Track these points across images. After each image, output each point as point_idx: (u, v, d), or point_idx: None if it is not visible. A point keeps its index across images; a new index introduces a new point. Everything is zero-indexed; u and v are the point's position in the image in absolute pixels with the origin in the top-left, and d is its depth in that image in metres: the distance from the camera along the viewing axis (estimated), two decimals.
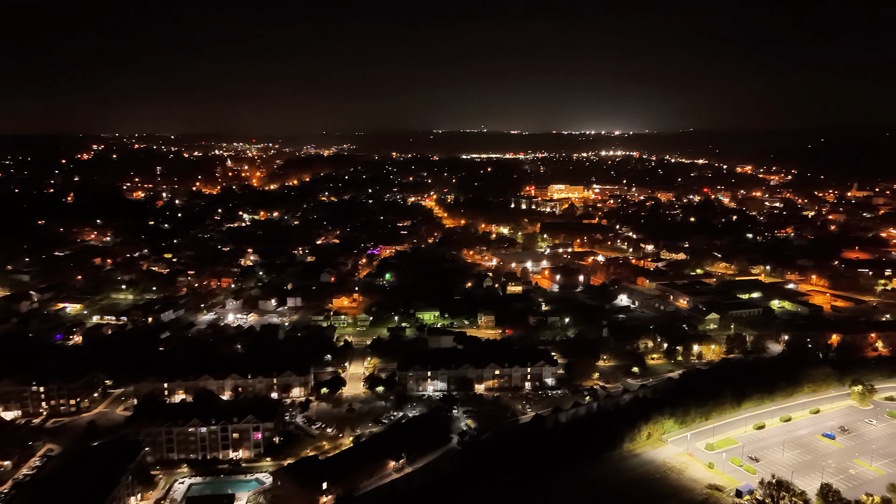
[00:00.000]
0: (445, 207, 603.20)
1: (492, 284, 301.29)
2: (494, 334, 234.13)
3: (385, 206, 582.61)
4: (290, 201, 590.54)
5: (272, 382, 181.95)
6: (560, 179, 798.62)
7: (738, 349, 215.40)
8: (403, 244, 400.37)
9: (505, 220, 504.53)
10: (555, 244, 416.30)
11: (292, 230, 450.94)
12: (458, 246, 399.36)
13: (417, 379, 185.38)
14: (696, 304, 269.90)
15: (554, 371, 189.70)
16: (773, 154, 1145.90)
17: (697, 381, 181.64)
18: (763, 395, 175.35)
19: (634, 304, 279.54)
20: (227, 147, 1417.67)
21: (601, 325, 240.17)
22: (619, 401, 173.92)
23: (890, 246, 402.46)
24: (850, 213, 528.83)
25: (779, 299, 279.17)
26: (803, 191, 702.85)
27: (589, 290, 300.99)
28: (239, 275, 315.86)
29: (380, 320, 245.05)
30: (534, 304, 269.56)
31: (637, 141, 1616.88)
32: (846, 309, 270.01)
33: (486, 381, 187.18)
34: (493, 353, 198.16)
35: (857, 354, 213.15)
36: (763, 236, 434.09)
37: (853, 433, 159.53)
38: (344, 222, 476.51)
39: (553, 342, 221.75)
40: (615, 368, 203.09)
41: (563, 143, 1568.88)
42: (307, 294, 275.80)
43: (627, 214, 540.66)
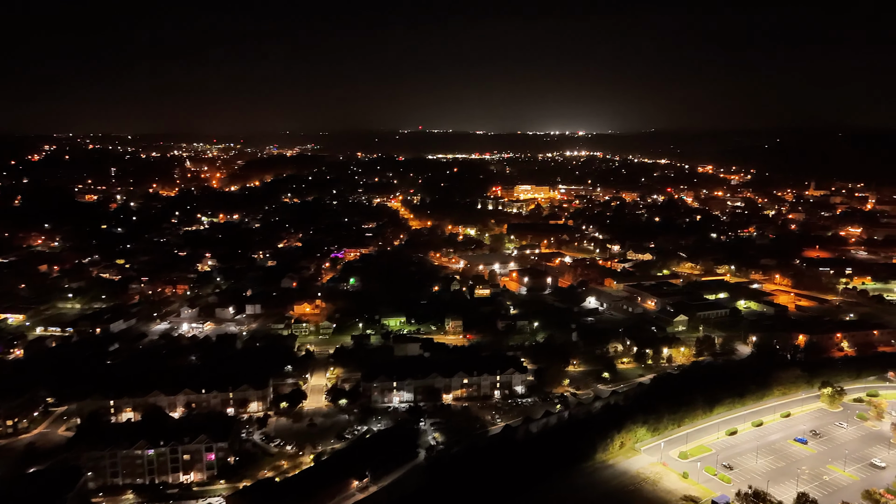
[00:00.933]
0: (412, 208, 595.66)
1: (459, 288, 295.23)
2: (462, 340, 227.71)
3: (350, 208, 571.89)
4: (251, 203, 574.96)
5: (228, 397, 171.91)
6: (526, 180, 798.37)
7: (708, 351, 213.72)
8: (368, 247, 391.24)
9: (472, 221, 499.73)
10: (522, 245, 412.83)
11: (253, 233, 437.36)
12: (425, 248, 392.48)
13: (382, 390, 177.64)
14: (664, 305, 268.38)
15: (524, 378, 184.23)
16: (732, 154, 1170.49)
17: (669, 387, 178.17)
18: (734, 399, 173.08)
19: (603, 306, 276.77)
20: (187, 147, 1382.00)
21: (570, 328, 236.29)
22: (591, 408, 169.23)
23: (849, 244, 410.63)
24: (809, 213, 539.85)
25: (745, 299, 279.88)
26: (763, 190, 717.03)
27: (557, 292, 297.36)
28: (195, 281, 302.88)
29: (343, 327, 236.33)
30: (502, 308, 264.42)
31: (600, 141, 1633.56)
32: (810, 308, 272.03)
33: (455, 390, 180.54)
34: (462, 360, 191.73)
35: (823, 355, 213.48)
36: (727, 236, 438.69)
37: (825, 437, 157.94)
38: (307, 225, 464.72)
39: (522, 347, 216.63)
40: (585, 374, 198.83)
41: (529, 144, 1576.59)
42: (267, 301, 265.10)
43: (593, 214, 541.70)
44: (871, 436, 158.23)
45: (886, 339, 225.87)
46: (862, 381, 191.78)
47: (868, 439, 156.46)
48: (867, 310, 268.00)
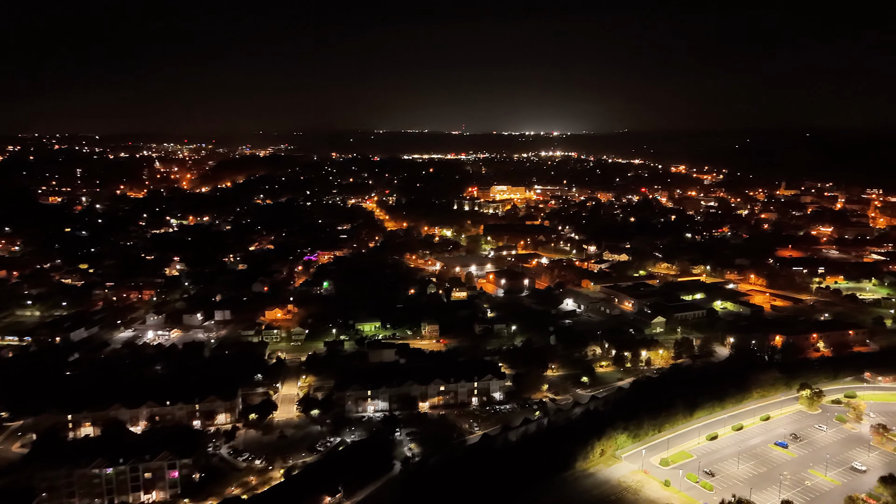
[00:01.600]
0: (387, 209, 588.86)
1: (436, 291, 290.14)
2: (439, 345, 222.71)
3: (324, 209, 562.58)
4: (222, 205, 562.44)
5: (194, 409, 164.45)
6: (502, 180, 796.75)
7: (686, 354, 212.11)
8: (343, 249, 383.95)
9: (448, 221, 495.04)
10: (498, 246, 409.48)
11: (224, 236, 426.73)
12: (401, 250, 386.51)
13: (356, 399, 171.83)
14: (641, 307, 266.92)
15: (502, 385, 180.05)
16: (704, 154, 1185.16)
17: (648, 391, 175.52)
18: (714, 403, 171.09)
19: (580, 308, 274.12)
20: (157, 148, 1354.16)
21: (548, 331, 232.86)
22: (570, 415, 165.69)
23: (820, 244, 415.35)
24: (781, 212, 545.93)
25: (721, 300, 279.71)
26: (735, 190, 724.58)
27: (534, 294, 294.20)
28: (163, 286, 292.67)
29: (316, 333, 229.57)
30: (479, 311, 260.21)
31: (575, 141, 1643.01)
32: (785, 308, 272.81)
33: (431, 398, 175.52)
34: (438, 367, 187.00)
35: (800, 355, 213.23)
36: (701, 236, 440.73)
37: (805, 441, 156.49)
38: (280, 227, 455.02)
39: (500, 352, 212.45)
40: (564, 378, 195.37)
41: (504, 144, 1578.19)
42: (237, 306, 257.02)
43: (569, 215, 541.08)
44: (850, 438, 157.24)
45: (861, 338, 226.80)
46: (839, 381, 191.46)
47: (848, 442, 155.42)
48: (841, 309, 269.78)
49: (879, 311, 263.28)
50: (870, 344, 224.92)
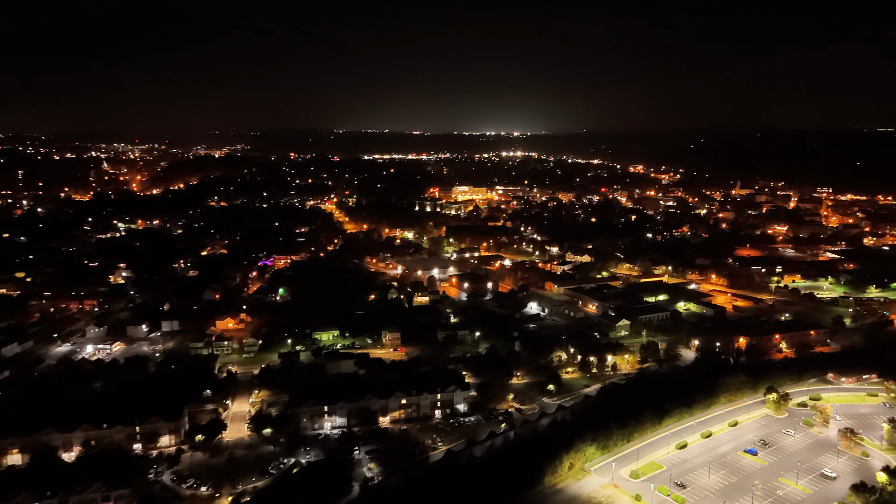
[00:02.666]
0: (347, 211, 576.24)
1: (397, 296, 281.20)
2: (400, 354, 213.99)
3: (281, 211, 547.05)
4: (173, 208, 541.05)
5: (134, 432, 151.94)
6: (463, 180, 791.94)
7: (652, 358, 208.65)
8: (300, 253, 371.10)
9: (409, 223, 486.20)
10: (461, 248, 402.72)
11: (174, 240, 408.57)
12: (361, 253, 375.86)
13: (312, 415, 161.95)
14: (605, 309, 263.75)
15: (466, 395, 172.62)
16: (661, 154, 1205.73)
17: (616, 398, 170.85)
18: (682, 409, 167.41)
19: (544, 311, 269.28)
20: (107, 148, 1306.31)
21: (513, 337, 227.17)
22: (537, 426, 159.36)
23: (777, 243, 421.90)
24: (738, 212, 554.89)
25: (684, 301, 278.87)
26: (692, 189, 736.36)
27: (498, 297, 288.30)
28: (106, 295, 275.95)
29: (270, 344, 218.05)
30: (442, 317, 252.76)
31: (535, 142, 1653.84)
32: (747, 309, 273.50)
33: (392, 412, 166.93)
34: (399, 378, 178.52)
35: (763, 357, 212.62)
36: (662, 236, 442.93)
37: (774, 447, 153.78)
38: (234, 230, 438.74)
39: (464, 360, 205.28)
40: (530, 386, 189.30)
41: (465, 144, 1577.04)
42: (186, 316, 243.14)
43: (531, 216, 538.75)
44: (818, 443, 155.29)
45: (822, 338, 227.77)
46: (803, 383, 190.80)
47: (816, 447, 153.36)
48: (800, 308, 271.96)
49: (838, 310, 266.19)
50: (831, 344, 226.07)
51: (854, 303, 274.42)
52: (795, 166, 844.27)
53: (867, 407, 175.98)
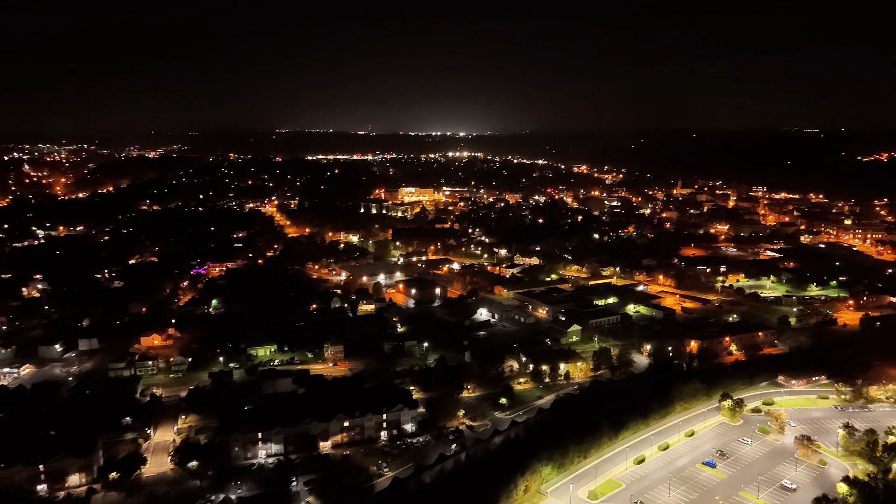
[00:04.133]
0: (288, 214, 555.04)
1: (341, 304, 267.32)
2: (343, 369, 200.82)
3: (218, 215, 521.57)
4: (101, 212, 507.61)
5: (38, 471, 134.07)
6: (410, 181, 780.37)
7: (605, 365, 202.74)
8: (237, 260, 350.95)
9: (354, 226, 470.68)
10: (408, 252, 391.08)
11: (99, 248, 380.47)
12: (302, 259, 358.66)
13: (245, 443, 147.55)
14: (555, 314, 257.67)
15: (414, 414, 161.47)
16: (604, 154, 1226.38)
17: (571, 411, 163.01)
18: (639, 420, 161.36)
19: (494, 317, 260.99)
20: (31, 149, 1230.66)
21: (463, 346, 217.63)
22: (490, 446, 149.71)
23: (719, 242, 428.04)
24: (680, 211, 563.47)
25: (633, 303, 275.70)
26: (635, 189, 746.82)
27: (447, 304, 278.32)
28: (18, 310, 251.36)
29: (201, 362, 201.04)
30: (388, 327, 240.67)
31: (481, 142, 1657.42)
32: (695, 310, 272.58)
33: (334, 435, 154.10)
34: (342, 397, 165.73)
35: (715, 360, 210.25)
36: (608, 236, 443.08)
37: (731, 457, 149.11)
38: (167, 236, 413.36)
39: (412, 373, 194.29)
40: (481, 400, 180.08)
41: (411, 144, 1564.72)
42: (107, 332, 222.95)
43: (478, 217, 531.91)
44: (775, 452, 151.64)
45: (770, 339, 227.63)
46: (756, 387, 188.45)
47: (774, 456, 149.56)
48: (746, 309, 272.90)
49: (782, 310, 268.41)
50: (778, 345, 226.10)
51: (797, 302, 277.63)
52: (730, 166, 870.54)
53: (819, 410, 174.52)
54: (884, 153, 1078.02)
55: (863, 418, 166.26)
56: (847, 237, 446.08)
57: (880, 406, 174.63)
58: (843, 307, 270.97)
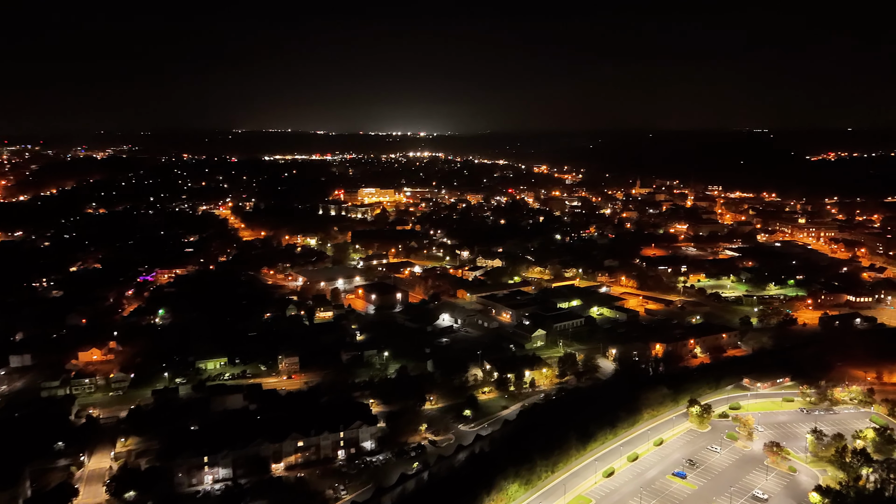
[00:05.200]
0: (243, 216, 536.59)
1: (297, 312, 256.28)
2: (298, 383, 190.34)
3: (169, 218, 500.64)
4: (42, 216, 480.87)
5: None
6: (370, 182, 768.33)
7: (571, 371, 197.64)
8: (187, 265, 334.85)
9: (312, 228, 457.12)
10: (368, 255, 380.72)
11: (38, 254, 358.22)
12: (257, 264, 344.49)
13: (190, 468, 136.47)
14: (519, 318, 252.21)
15: (373, 431, 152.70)
16: (563, 154, 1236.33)
17: (538, 422, 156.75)
18: (607, 430, 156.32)
19: (457, 322, 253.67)
20: None
21: (425, 354, 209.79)
22: (454, 462, 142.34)
23: (679, 241, 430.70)
24: (640, 211, 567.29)
25: (597, 306, 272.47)
26: (595, 189, 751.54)
27: (408, 309, 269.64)
28: None
29: (144, 378, 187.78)
30: (347, 335, 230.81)
31: (442, 142, 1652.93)
32: (658, 311, 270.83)
33: (287, 456, 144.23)
34: (296, 414, 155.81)
35: (680, 364, 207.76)
36: (570, 237, 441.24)
37: (702, 467, 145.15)
38: (113, 241, 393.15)
39: (371, 384, 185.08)
40: (444, 412, 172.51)
41: (371, 144, 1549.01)
42: (42, 347, 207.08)
43: (440, 218, 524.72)
44: (745, 459, 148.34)
45: (733, 341, 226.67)
46: (722, 391, 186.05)
47: (743, 464, 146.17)
48: (708, 309, 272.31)
49: (743, 310, 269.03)
50: (742, 346, 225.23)
51: (757, 301, 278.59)
52: (686, 165, 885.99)
53: (785, 414, 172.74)
54: (830, 153, 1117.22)
55: (829, 421, 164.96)
56: (801, 236, 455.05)
57: (845, 408, 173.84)
58: (801, 306, 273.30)
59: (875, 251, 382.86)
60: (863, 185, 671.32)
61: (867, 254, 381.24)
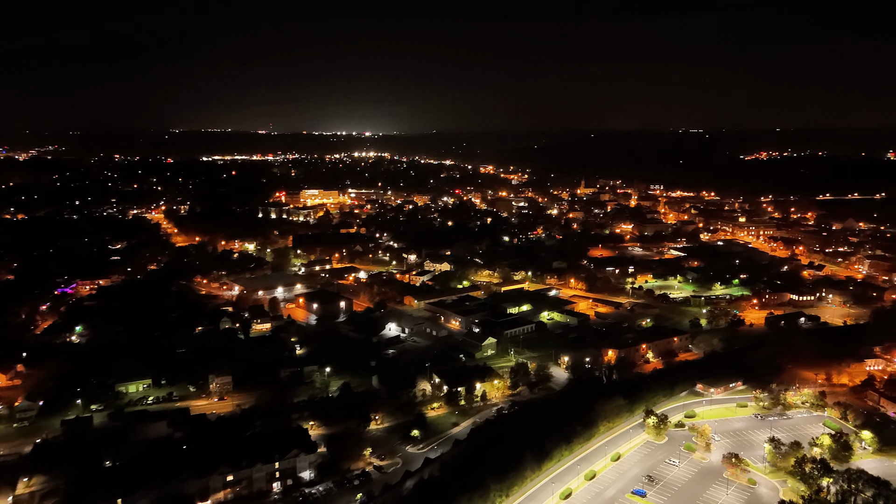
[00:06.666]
0: (177, 221, 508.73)
1: (231, 325, 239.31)
2: (230, 404, 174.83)
3: (95, 224, 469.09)
4: None
5: None
6: (313, 183, 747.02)
7: (523, 381, 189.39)
8: (112, 275, 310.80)
9: (251, 233, 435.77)
10: (310, 261, 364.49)
11: None
12: (190, 272, 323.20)
13: None
14: (469, 325, 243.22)
15: (312, 459, 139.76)
16: (509, 154, 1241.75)
17: (490, 442, 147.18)
18: (562, 446, 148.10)
19: (405, 331, 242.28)
20: None
21: (370, 368, 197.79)
22: (401, 491, 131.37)
23: (625, 241, 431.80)
24: (586, 211, 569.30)
25: (547, 310, 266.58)
26: (541, 189, 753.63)
27: (353, 318, 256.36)
28: None
29: (56, 406, 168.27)
30: (286, 349, 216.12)
31: (387, 142, 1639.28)
32: (608, 315, 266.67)
33: (216, 493, 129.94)
34: (227, 443, 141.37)
35: (633, 370, 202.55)
36: (518, 238, 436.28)
37: (661, 483, 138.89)
38: (30, 249, 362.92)
39: (311, 404, 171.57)
40: (390, 432, 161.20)
41: (315, 144, 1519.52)
42: None
43: (386, 220, 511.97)
44: (704, 473, 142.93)
45: (684, 344, 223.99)
46: (676, 397, 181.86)
47: (703, 478, 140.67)
48: (657, 311, 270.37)
49: (691, 311, 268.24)
50: (693, 349, 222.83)
51: (705, 302, 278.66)
52: (627, 165, 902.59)
53: (740, 421, 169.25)
54: (762, 152, 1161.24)
55: (783, 427, 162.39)
56: (742, 234, 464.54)
57: (798, 412, 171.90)
58: (747, 306, 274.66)
59: (812, 249, 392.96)
60: (795, 183, 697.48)
61: (805, 252, 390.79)
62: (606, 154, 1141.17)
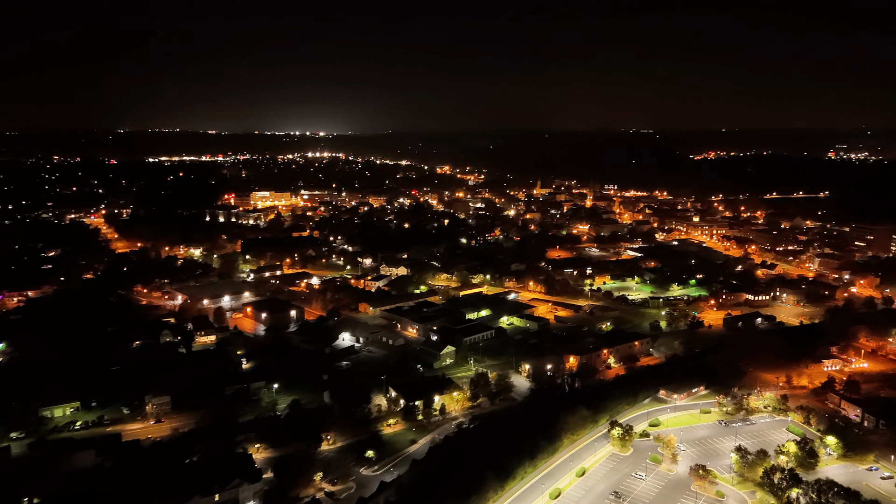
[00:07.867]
0: (118, 226, 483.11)
1: (173, 338, 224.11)
2: (168, 428, 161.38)
3: (27, 229, 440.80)
4: None
5: None
6: (264, 185, 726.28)
7: (484, 392, 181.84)
8: (43, 286, 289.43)
9: (197, 238, 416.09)
10: (260, 266, 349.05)
11: None
12: (130, 281, 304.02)
13: None
14: (427, 333, 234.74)
15: (257, 489, 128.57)
16: (465, 155, 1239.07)
17: (450, 461, 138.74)
18: (526, 463, 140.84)
19: (359, 341, 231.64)
20: None
21: (322, 382, 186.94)
22: None
23: (582, 242, 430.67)
24: (542, 212, 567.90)
25: (507, 315, 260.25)
26: (498, 190, 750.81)
27: (304, 328, 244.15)
28: None
29: None
30: (231, 364, 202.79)
31: (342, 142, 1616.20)
32: (568, 318, 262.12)
33: None
34: (162, 473, 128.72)
35: (595, 376, 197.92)
36: (476, 240, 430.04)
37: (628, 498, 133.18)
38: None
39: (258, 424, 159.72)
40: (344, 452, 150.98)
41: (267, 145, 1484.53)
42: None
43: (340, 223, 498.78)
44: (671, 485, 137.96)
45: (646, 348, 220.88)
46: (640, 405, 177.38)
47: (671, 491, 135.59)
48: (617, 313, 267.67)
49: (650, 313, 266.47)
50: (654, 353, 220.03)
51: (663, 304, 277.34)
52: (582, 165, 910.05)
53: (705, 428, 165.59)
54: (711, 152, 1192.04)
55: (748, 433, 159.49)
56: (696, 234, 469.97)
57: (761, 417, 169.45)
58: (705, 307, 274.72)
59: (763, 248, 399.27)
60: (743, 182, 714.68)
61: (757, 251, 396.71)
62: (561, 154, 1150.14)
